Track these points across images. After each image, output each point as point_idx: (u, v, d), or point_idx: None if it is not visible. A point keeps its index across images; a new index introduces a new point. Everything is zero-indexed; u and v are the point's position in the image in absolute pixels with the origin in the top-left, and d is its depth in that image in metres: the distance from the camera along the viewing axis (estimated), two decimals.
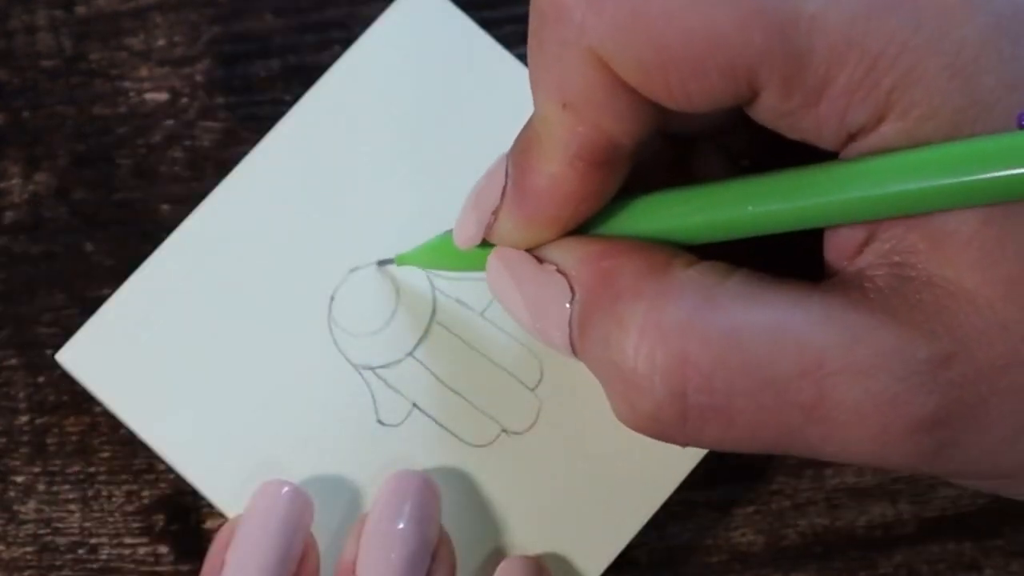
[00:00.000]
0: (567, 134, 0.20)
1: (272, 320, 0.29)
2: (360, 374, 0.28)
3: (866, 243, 0.19)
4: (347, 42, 0.30)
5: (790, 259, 0.21)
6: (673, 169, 0.23)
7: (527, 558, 0.27)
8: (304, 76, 0.31)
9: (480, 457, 0.28)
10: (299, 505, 0.26)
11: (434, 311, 0.29)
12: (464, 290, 0.29)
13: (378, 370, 0.28)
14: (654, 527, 0.29)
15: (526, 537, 0.28)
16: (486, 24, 0.30)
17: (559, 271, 0.21)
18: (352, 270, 0.29)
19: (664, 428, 0.20)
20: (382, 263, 0.29)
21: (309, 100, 0.30)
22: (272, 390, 0.28)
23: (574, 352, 0.21)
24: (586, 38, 0.18)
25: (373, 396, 0.28)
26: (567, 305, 0.21)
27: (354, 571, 0.25)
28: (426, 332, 0.29)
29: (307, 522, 0.26)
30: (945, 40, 0.17)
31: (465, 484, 0.28)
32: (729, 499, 0.30)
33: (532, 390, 0.29)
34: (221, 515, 0.28)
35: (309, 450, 0.28)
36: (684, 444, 0.20)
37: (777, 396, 0.19)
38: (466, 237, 0.23)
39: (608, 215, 0.21)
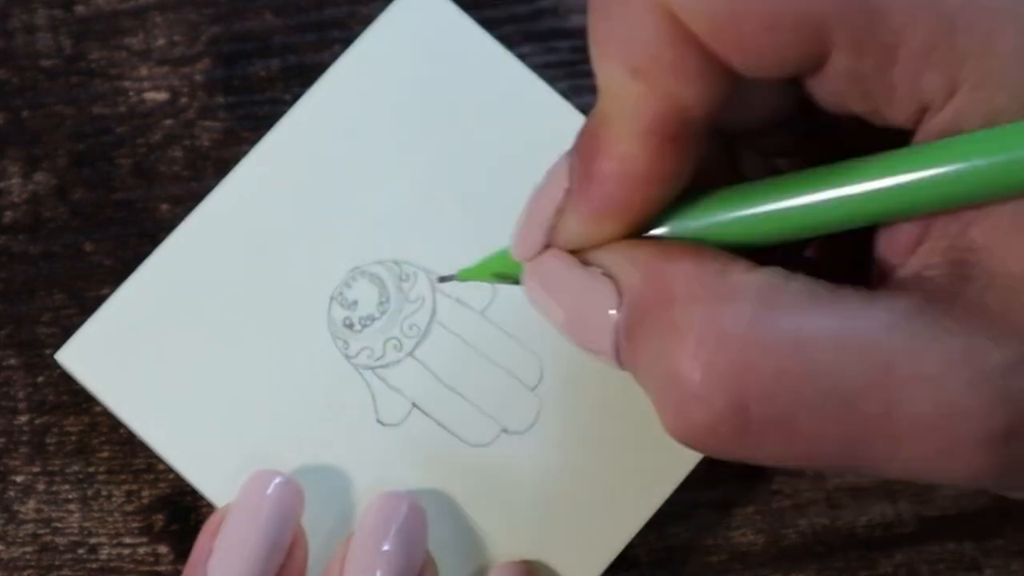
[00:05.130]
0: (638, 105, 0.18)
1: (272, 320, 0.29)
2: (360, 374, 0.28)
3: (920, 241, 0.18)
4: (347, 42, 0.30)
5: (836, 270, 0.20)
6: (720, 175, 0.22)
7: (518, 563, 0.27)
8: (304, 76, 0.31)
9: (480, 457, 0.28)
10: (289, 495, 0.26)
11: (434, 311, 0.29)
12: (464, 290, 0.29)
13: (378, 370, 0.28)
14: (654, 527, 0.29)
15: (525, 537, 0.28)
16: (486, 24, 0.30)
17: (605, 274, 0.20)
18: (352, 270, 0.29)
19: (721, 442, 0.18)
20: (443, 279, 0.26)
21: (309, 100, 0.30)
22: (272, 390, 0.28)
23: (619, 362, 0.20)
24: None
25: (373, 396, 0.28)
26: (612, 311, 0.19)
27: None
28: (426, 332, 0.29)
29: (297, 512, 0.26)
30: (1022, 5, 0.16)
31: (465, 484, 0.28)
32: (729, 499, 0.30)
33: (532, 390, 0.28)
34: None
35: (309, 450, 0.28)
36: (739, 459, 0.19)
37: (843, 407, 0.17)
38: (528, 245, 0.21)
39: (661, 219, 0.20)
